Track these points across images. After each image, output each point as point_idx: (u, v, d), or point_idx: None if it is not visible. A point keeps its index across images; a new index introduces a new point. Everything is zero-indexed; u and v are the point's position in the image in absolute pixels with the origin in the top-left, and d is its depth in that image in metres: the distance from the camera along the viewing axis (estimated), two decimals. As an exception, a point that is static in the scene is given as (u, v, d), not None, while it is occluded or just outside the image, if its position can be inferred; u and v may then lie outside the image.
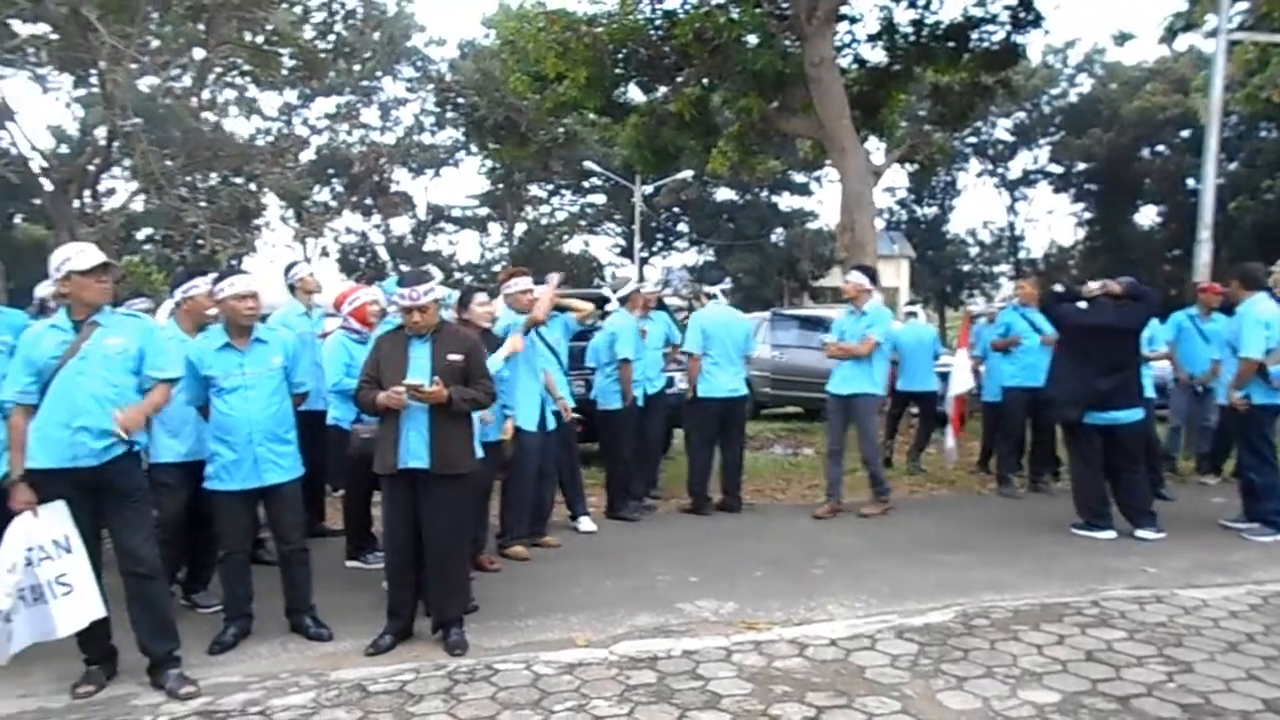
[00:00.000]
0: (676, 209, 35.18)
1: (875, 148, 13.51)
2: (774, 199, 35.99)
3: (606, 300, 7.62)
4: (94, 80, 12.39)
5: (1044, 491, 7.58)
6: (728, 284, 7.38)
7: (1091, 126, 32.95)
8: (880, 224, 28.24)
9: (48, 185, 10.76)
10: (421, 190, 34.17)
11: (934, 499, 7.63)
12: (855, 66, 11.76)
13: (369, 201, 30.78)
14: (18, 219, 26.02)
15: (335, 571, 5.22)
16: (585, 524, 6.42)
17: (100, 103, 13.88)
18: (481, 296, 4.99)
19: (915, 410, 8.94)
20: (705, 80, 11.19)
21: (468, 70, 18.53)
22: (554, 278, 5.72)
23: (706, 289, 7.34)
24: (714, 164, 12.98)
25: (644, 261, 32.21)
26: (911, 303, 10.22)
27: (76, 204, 10.54)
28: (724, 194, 35.27)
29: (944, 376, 8.68)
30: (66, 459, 3.55)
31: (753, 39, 10.32)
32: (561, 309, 6.08)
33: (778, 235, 35.74)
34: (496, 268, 35.63)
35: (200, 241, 8.29)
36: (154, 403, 3.74)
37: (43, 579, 3.51)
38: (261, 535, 4.96)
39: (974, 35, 11.27)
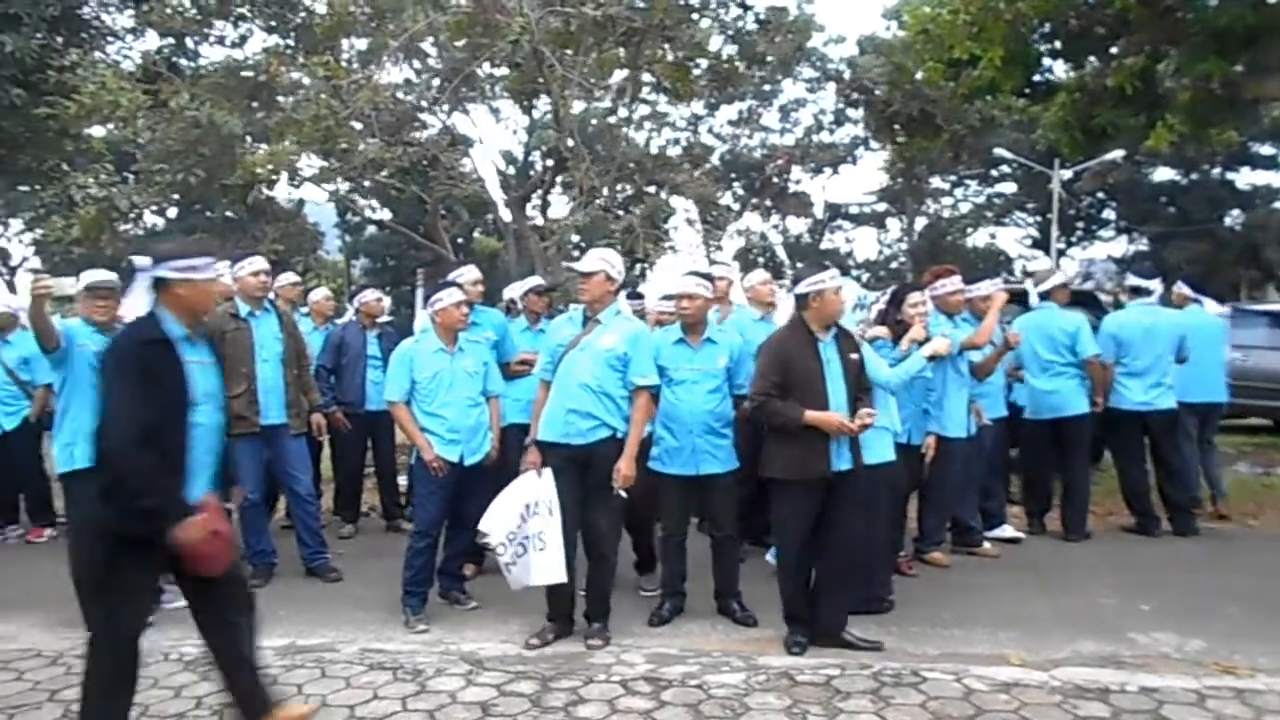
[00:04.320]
0: (1101, 194, 31.60)
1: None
2: (1229, 176, 30.83)
3: (1025, 295, 7.06)
4: (539, 108, 14.13)
5: None
6: (1158, 281, 6.39)
7: None
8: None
9: (502, 203, 12.42)
10: (819, 189, 34.40)
11: None
12: (1357, 6, 9.64)
13: (769, 203, 31.62)
14: (476, 233, 30.55)
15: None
16: (1006, 530, 6.03)
17: (542, 127, 15.78)
18: (915, 295, 4.84)
19: None
20: (1149, 47, 9.89)
21: (870, 65, 18.26)
22: (999, 298, 5.42)
23: (1131, 282, 6.52)
24: (1155, 140, 11.41)
25: (1061, 253, 29.41)
26: None
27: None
28: (1162, 174, 30.90)
29: None
30: (560, 435, 4.14)
31: (1213, -8, 8.92)
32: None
33: (1233, 218, 30.55)
34: (894, 264, 34.72)
35: (632, 248, 9.10)
36: (640, 428, 4.19)
37: (530, 531, 4.08)
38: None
39: None
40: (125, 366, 2.86)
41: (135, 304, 3.00)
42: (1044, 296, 6.27)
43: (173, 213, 17.76)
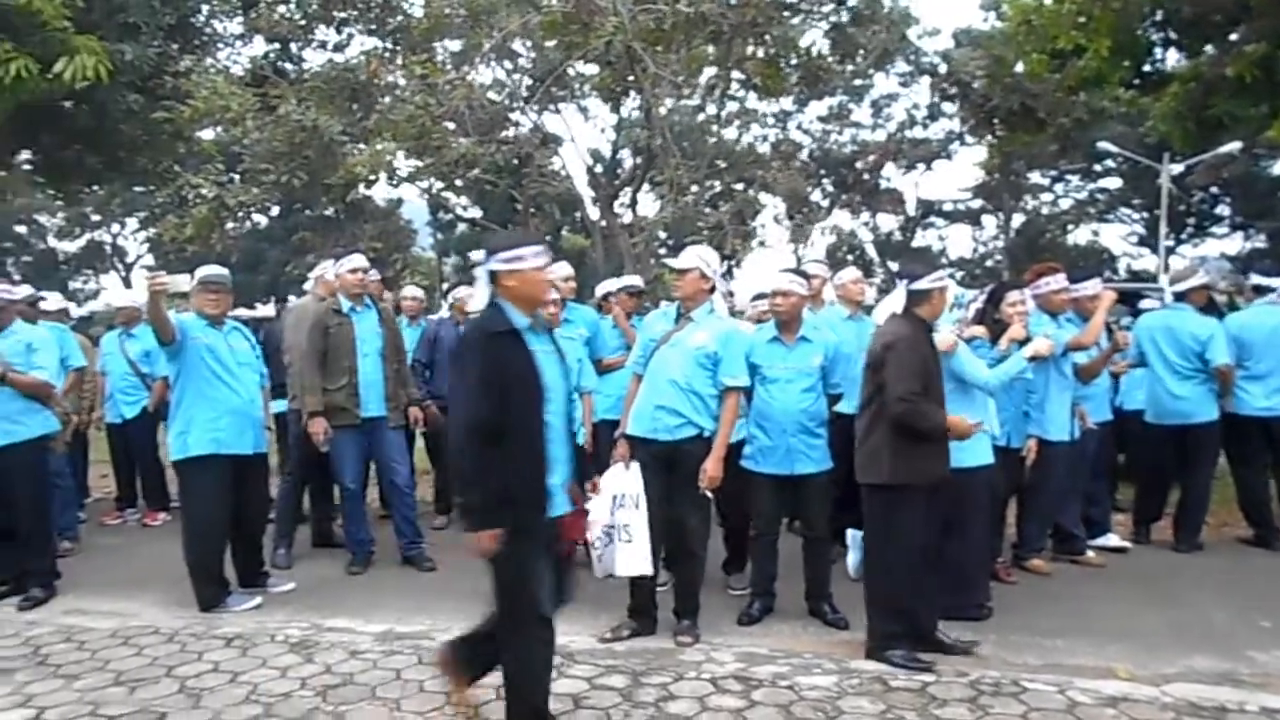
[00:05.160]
0: (1215, 188, 30.08)
1: None
2: (1354, 168, 28.97)
3: (1140, 296, 6.77)
4: (627, 106, 14.17)
5: None
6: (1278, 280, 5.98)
7: None
8: None
9: (590, 201, 12.49)
10: (911, 185, 33.50)
11: None
12: None
13: (859, 200, 31.07)
14: (564, 231, 30.86)
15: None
16: (1112, 539, 5.79)
17: (630, 125, 15.82)
18: (1014, 294, 4.69)
19: None
20: (1272, 33, 9.37)
21: (967, 58, 17.79)
22: (1108, 297, 5.21)
23: (1255, 280, 6.15)
24: (1277, 131, 10.85)
25: (1170, 251, 28.11)
26: None
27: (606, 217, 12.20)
28: (1282, 167, 29.28)
29: None
30: (647, 430, 4.15)
31: (1342, -27, 8.41)
32: None
33: (1359, 213, 28.72)
34: (989, 262, 33.73)
35: (720, 245, 9.05)
36: (729, 428, 4.15)
37: (617, 523, 4.11)
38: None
39: None
40: (469, 361, 2.94)
41: (478, 298, 3.07)
42: (1179, 297, 5.90)
43: (275, 211, 18.46)
